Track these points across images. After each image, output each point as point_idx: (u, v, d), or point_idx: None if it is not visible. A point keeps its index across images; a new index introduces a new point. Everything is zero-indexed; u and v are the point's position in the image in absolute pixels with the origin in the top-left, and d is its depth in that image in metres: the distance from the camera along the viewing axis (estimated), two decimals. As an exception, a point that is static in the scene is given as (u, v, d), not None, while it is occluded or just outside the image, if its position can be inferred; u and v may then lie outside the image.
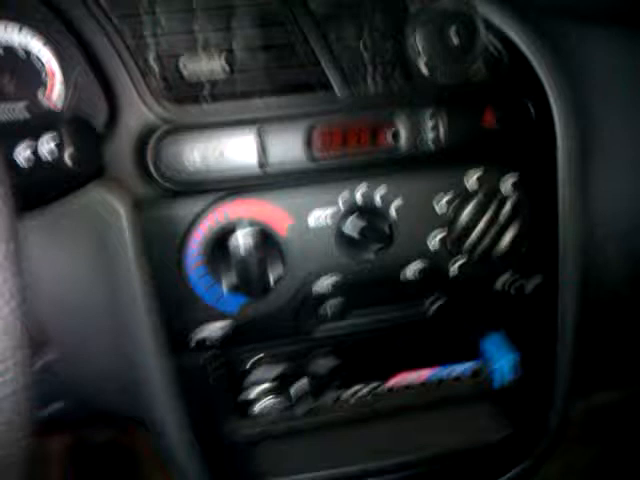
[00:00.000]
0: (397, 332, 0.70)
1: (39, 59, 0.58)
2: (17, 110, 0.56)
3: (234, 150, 0.58)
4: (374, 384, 0.73)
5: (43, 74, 0.58)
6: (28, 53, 0.58)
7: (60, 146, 0.46)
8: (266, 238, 0.59)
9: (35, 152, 0.45)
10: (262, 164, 0.59)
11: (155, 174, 0.57)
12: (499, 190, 0.62)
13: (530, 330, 0.72)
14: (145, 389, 0.66)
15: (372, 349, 0.71)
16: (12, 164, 0.45)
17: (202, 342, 0.63)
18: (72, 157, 0.46)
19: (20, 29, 0.57)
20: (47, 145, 0.45)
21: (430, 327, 0.70)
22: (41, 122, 0.48)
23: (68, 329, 0.63)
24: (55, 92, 0.58)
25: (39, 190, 0.48)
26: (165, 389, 0.65)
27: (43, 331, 0.63)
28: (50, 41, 0.57)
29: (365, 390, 0.73)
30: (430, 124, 0.60)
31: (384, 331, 0.68)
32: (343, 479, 0.74)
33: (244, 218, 0.59)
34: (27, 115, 0.54)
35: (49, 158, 0.45)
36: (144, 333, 0.62)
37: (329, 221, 0.61)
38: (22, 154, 0.45)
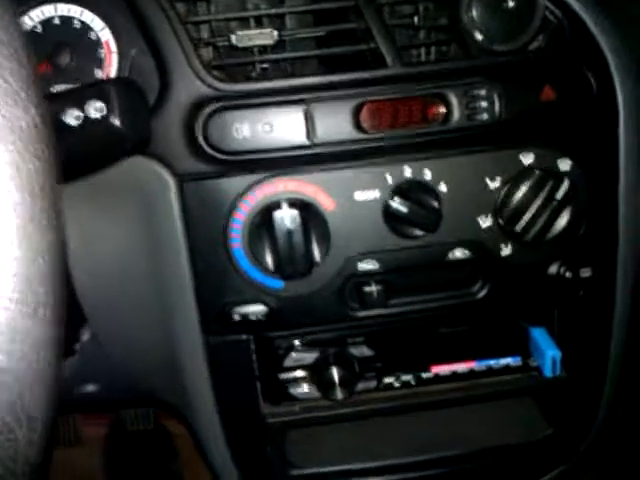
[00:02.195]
0: (441, 318, 0.67)
1: (99, 39, 0.58)
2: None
3: (283, 124, 0.57)
4: (414, 374, 0.70)
5: (102, 55, 0.58)
6: (89, 34, 0.58)
7: (108, 105, 0.45)
8: (311, 215, 0.58)
9: (84, 109, 0.45)
10: (310, 138, 0.57)
11: (204, 146, 0.57)
12: (556, 170, 0.59)
13: (581, 324, 0.68)
14: (181, 370, 0.65)
15: (414, 337, 0.69)
16: (60, 123, 0.45)
17: (245, 319, 0.61)
18: (120, 117, 0.45)
19: (81, 12, 0.58)
20: (95, 104, 0.45)
21: (476, 314, 0.67)
22: (91, 90, 0.48)
23: (106, 305, 0.64)
24: (112, 72, 0.58)
25: (86, 150, 0.48)
26: (201, 369, 0.64)
27: (80, 307, 0.63)
28: (110, 21, 0.58)
29: (405, 380, 0.70)
30: (485, 98, 0.58)
31: (429, 317, 0.66)
32: (378, 472, 0.72)
33: (289, 194, 0.58)
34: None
35: (97, 116, 0.45)
36: (185, 308, 0.61)
37: (377, 198, 0.59)
38: (71, 112, 0.45)
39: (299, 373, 0.68)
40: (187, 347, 0.64)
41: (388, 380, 0.70)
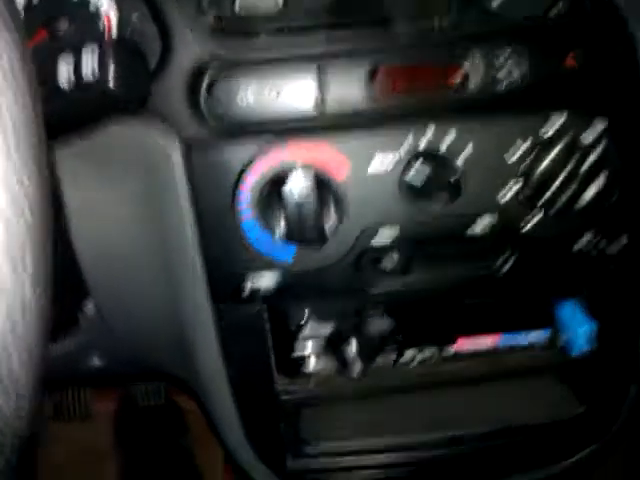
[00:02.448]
0: (462, 292, 0.65)
1: (98, 4, 0.54)
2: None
3: (290, 89, 0.54)
4: (435, 349, 0.68)
5: (101, 20, 0.54)
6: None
7: (103, 66, 0.42)
8: (323, 184, 0.55)
9: (77, 71, 0.42)
10: (320, 105, 0.54)
11: (208, 114, 0.54)
12: (583, 139, 0.56)
13: (612, 297, 0.66)
14: (191, 343, 0.63)
15: (434, 310, 0.66)
16: (54, 87, 0.43)
17: (255, 292, 0.59)
18: (116, 79, 0.43)
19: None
20: (90, 65, 0.42)
21: (500, 288, 0.65)
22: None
23: (109, 276, 0.61)
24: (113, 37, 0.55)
25: (79, 113, 0.46)
26: (211, 343, 0.62)
27: (82, 279, 0.61)
28: None
29: (425, 355, 0.68)
30: (506, 64, 0.54)
31: (448, 290, 0.63)
32: (397, 449, 0.70)
33: (299, 162, 0.55)
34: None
35: (91, 79, 0.42)
36: (193, 282, 0.59)
37: (391, 168, 0.56)
38: (64, 75, 0.42)
39: (314, 346, 0.65)
40: (196, 320, 0.61)
41: (408, 355, 0.68)
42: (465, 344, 0.68)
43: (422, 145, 0.56)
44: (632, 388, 0.69)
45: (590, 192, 0.57)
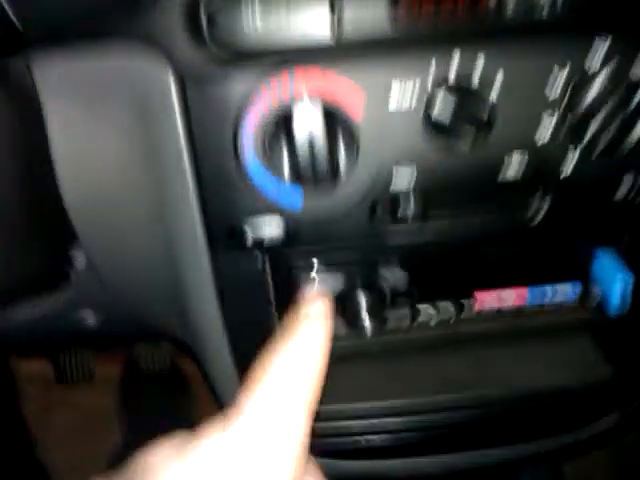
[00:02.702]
0: (488, 243, 0.59)
1: None
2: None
3: (302, 12, 0.47)
4: (457, 303, 0.63)
5: None
6: None
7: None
8: (335, 118, 0.49)
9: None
10: (336, 31, 0.48)
11: (209, 40, 0.48)
12: (630, 70, 0.49)
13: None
14: (187, 298, 0.58)
15: (456, 260, 0.61)
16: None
17: (258, 241, 0.54)
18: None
19: None
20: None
21: (530, 239, 0.59)
22: None
23: (100, 224, 0.56)
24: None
25: (64, 20, 0.40)
26: (208, 297, 0.58)
27: (70, 227, 0.56)
28: None
29: (446, 309, 0.63)
30: None
31: (471, 242, 0.58)
32: (412, 412, 0.65)
33: (309, 93, 0.49)
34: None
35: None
36: (190, 229, 0.54)
37: (414, 101, 0.50)
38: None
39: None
40: (192, 271, 0.56)
41: (426, 314, 0.63)
42: (487, 300, 0.63)
43: (448, 75, 0.49)
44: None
45: (637, 131, 0.50)
